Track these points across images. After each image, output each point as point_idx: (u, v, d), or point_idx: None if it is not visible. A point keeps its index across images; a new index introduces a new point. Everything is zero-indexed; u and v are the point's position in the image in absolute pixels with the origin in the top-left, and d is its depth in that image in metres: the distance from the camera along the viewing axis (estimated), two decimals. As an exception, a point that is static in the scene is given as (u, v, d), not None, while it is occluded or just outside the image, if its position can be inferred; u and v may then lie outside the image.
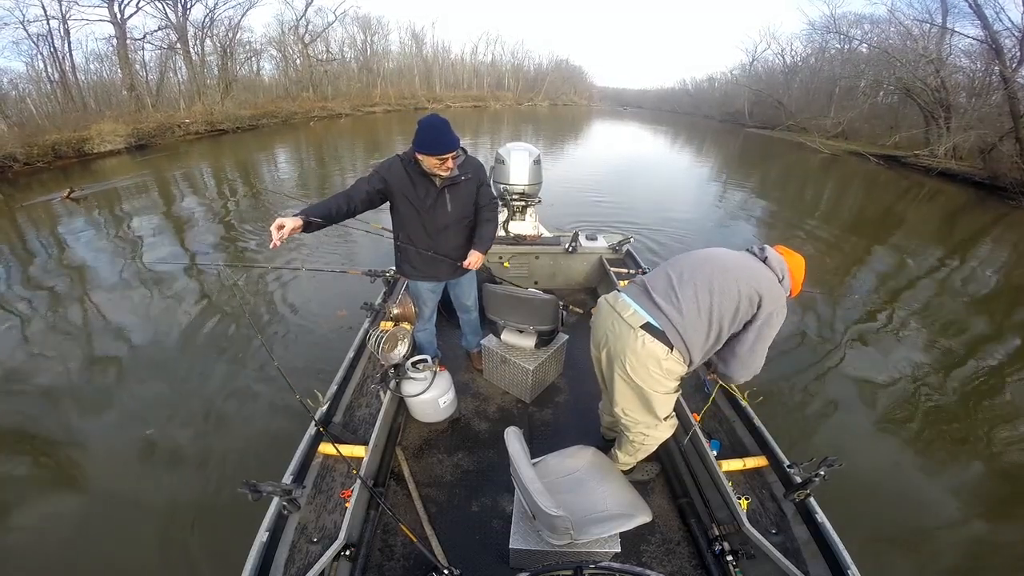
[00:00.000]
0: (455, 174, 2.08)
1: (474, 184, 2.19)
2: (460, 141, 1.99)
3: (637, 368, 1.58)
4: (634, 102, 67.12)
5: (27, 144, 12.61)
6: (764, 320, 1.54)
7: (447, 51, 46.73)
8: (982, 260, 7.64)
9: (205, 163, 14.03)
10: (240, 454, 2.92)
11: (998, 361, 4.46)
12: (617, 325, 1.62)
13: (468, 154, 2.14)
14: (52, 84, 18.88)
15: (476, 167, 2.19)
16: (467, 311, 2.74)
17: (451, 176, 2.06)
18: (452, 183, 2.10)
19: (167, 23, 21.93)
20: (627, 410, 1.74)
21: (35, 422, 3.28)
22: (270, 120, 23.37)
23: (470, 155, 2.16)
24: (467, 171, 2.13)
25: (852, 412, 3.53)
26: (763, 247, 1.66)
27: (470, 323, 2.83)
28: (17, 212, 8.43)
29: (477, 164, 2.21)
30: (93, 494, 2.70)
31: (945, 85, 17.03)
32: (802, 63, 31.80)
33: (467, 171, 2.13)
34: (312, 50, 31.42)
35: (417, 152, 1.94)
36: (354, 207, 1.99)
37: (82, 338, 4.33)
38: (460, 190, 2.15)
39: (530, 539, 1.61)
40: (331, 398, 2.16)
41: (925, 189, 13.74)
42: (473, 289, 2.65)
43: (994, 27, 14.80)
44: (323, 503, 1.76)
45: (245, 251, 6.69)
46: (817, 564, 1.54)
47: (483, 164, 2.26)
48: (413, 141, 1.95)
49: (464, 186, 2.15)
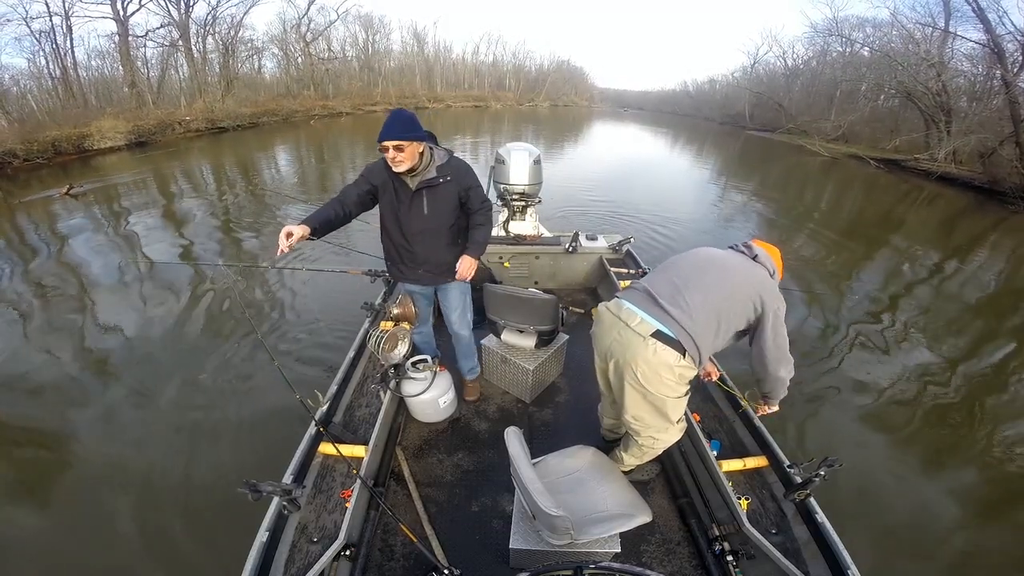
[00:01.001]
0: (431, 176, 1.96)
1: (454, 188, 2.02)
2: (419, 136, 1.86)
3: (649, 376, 1.56)
4: (635, 103, 67.13)
5: (27, 140, 12.62)
6: (772, 317, 1.57)
7: (449, 51, 46.87)
8: (982, 264, 7.66)
9: (205, 161, 14.02)
10: (240, 454, 2.92)
11: (998, 363, 4.48)
12: (624, 334, 1.60)
13: (452, 157, 2.04)
14: (53, 80, 18.92)
15: (459, 170, 2.03)
16: (454, 327, 2.46)
17: (428, 178, 1.95)
18: (429, 185, 1.97)
19: (169, 20, 21.98)
20: (638, 417, 1.72)
21: (29, 420, 3.27)
22: (271, 118, 23.39)
23: (455, 158, 2.05)
24: (447, 173, 1.98)
25: (852, 413, 3.54)
26: (749, 244, 1.69)
27: (459, 344, 2.55)
28: (16, 209, 8.41)
29: (462, 167, 2.04)
30: (91, 494, 2.70)
31: (946, 89, 17.06)
32: (803, 66, 31.88)
33: (447, 173, 1.98)
34: (314, 48, 31.47)
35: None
36: (348, 211, 1.98)
37: (79, 335, 4.32)
38: (438, 193, 2.00)
39: (530, 539, 1.61)
40: (331, 398, 2.15)
41: (925, 193, 13.75)
42: (462, 305, 2.39)
43: (997, 31, 14.84)
44: (323, 503, 1.76)
45: (245, 250, 6.68)
46: (817, 564, 1.54)
47: (470, 167, 2.09)
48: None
49: (443, 189, 1.99)
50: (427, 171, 1.96)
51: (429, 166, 1.96)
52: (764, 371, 1.68)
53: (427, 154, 1.94)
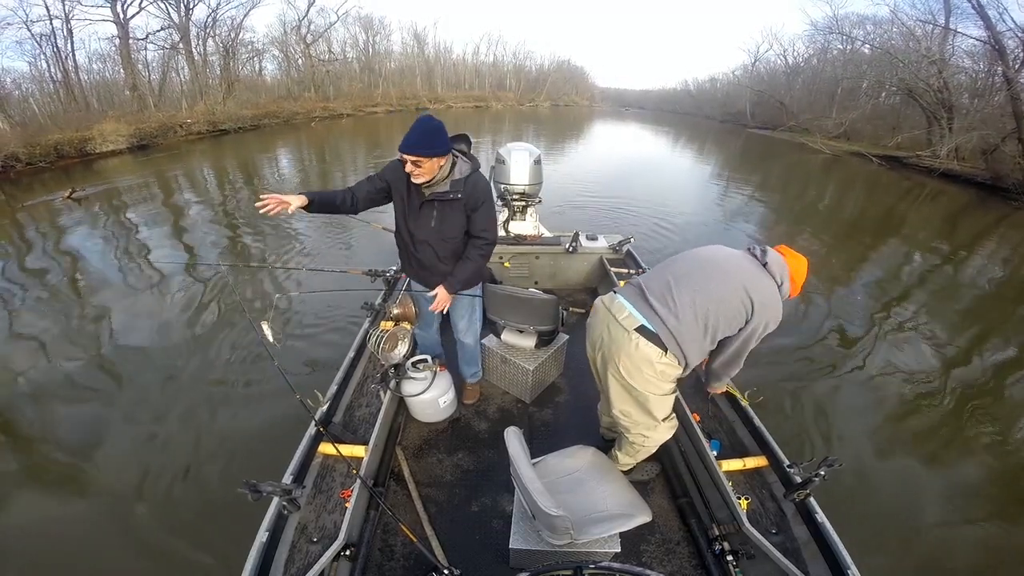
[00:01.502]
0: (444, 190, 1.90)
1: (461, 206, 1.95)
2: (440, 152, 1.79)
3: (631, 370, 1.58)
4: (636, 103, 66.95)
5: (29, 144, 12.63)
6: (752, 330, 1.55)
7: (449, 51, 46.77)
8: (985, 261, 7.61)
9: (207, 163, 14.05)
10: (239, 454, 2.92)
11: (1000, 362, 4.45)
12: (612, 327, 1.62)
13: (473, 174, 1.95)
14: (55, 84, 18.95)
15: (472, 189, 1.93)
16: (459, 334, 2.47)
17: (440, 192, 1.90)
18: (441, 198, 1.92)
19: (170, 23, 22.01)
20: (625, 412, 1.74)
21: (31, 421, 3.29)
22: (272, 120, 23.41)
23: (477, 174, 1.96)
24: (459, 190, 1.91)
25: (852, 412, 3.52)
26: (764, 249, 1.60)
27: (463, 350, 2.58)
28: (18, 212, 8.44)
29: (478, 186, 1.95)
30: (90, 494, 2.71)
31: (948, 86, 16.99)
32: (804, 64, 31.74)
33: (459, 190, 1.91)
34: (314, 50, 31.48)
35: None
36: (356, 202, 1.98)
37: (80, 337, 4.33)
38: (447, 209, 1.95)
39: (530, 539, 1.62)
40: (331, 398, 2.16)
41: (927, 190, 13.70)
42: (469, 314, 2.39)
43: (997, 28, 14.78)
44: (323, 503, 1.76)
45: (247, 251, 6.69)
46: (817, 564, 1.54)
47: (488, 187, 1.98)
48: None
49: (452, 205, 1.94)
50: (442, 184, 1.90)
51: (446, 179, 1.90)
52: (710, 363, 1.77)
53: (447, 166, 1.88)
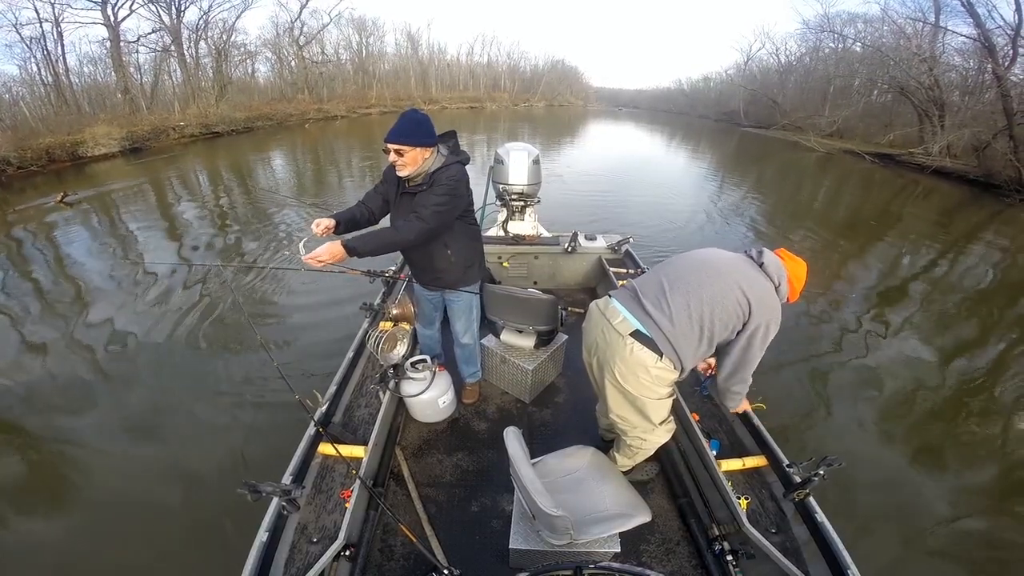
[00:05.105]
0: (419, 183, 1.88)
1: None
2: (424, 142, 1.78)
3: (626, 375, 1.57)
4: (630, 102, 67.24)
5: (20, 147, 12.50)
6: (752, 332, 1.51)
7: (443, 52, 46.79)
8: (979, 258, 7.67)
9: (200, 165, 13.96)
10: (239, 454, 2.91)
11: (997, 359, 4.48)
12: (607, 332, 1.60)
13: (451, 166, 1.88)
14: (46, 87, 18.83)
15: (443, 178, 1.85)
16: (458, 335, 2.44)
17: (416, 184, 1.89)
18: (417, 191, 1.90)
19: (161, 26, 21.87)
20: (621, 416, 1.74)
21: (27, 423, 3.26)
22: (265, 122, 23.26)
23: (453, 167, 1.89)
24: (431, 181, 1.86)
25: (851, 411, 3.54)
26: (761, 251, 1.58)
27: (462, 351, 2.56)
28: (9, 216, 8.36)
29: (445, 176, 1.86)
30: (89, 495, 2.69)
31: (939, 83, 17.13)
32: (796, 62, 31.98)
33: (431, 181, 1.86)
34: (307, 52, 31.37)
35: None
36: (371, 212, 2.06)
37: (77, 340, 4.29)
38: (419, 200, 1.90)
39: (530, 539, 1.61)
40: (330, 398, 2.15)
41: (920, 187, 13.81)
42: (466, 316, 2.36)
43: (986, 25, 14.92)
44: (323, 503, 1.75)
45: (243, 251, 6.66)
46: (817, 564, 1.54)
47: (455, 181, 1.88)
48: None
49: (422, 196, 1.89)
50: (420, 177, 1.89)
51: (423, 172, 1.88)
52: (716, 379, 1.71)
53: (431, 160, 1.87)
